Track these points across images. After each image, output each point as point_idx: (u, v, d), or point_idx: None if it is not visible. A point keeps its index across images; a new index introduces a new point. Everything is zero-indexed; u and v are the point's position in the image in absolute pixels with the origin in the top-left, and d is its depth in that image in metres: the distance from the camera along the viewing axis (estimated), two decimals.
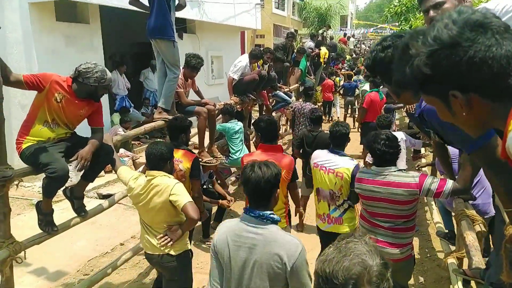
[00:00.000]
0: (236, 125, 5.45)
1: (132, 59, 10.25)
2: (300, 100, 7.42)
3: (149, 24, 4.05)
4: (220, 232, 1.94)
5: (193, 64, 4.53)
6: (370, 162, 4.63)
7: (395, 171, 2.69)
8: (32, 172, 2.87)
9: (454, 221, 3.16)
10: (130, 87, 8.58)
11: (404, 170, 2.95)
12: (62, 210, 3.99)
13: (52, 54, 6.39)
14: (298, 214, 4.01)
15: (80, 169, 2.91)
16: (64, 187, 3.09)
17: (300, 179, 4.12)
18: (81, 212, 3.26)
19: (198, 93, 5.23)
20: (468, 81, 0.80)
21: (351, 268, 0.94)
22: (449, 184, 2.55)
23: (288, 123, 8.53)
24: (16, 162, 3.01)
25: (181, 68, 4.48)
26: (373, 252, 0.98)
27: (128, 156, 6.91)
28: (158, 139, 7.88)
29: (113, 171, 3.27)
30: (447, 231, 3.98)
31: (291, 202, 3.51)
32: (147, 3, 4.12)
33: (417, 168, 4.79)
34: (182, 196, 2.66)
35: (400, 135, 4.80)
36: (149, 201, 2.74)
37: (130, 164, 6.86)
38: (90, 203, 3.77)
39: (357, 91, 11.35)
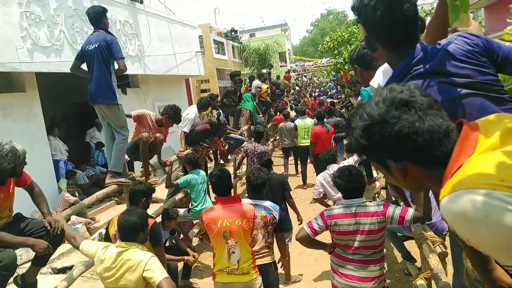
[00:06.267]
0: (198, 175, 5.27)
1: (75, 120, 9.93)
2: (252, 140, 7.49)
3: (90, 90, 3.97)
4: None
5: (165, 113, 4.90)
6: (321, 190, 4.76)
7: (363, 202, 2.77)
8: None
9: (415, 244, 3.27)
10: (68, 149, 8.17)
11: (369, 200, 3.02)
12: None
13: None
14: (282, 265, 3.98)
15: (57, 231, 2.89)
16: (14, 276, 2.85)
17: None
18: None
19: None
20: (398, 151, 0.89)
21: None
22: (410, 212, 2.67)
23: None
24: None
25: (128, 128, 4.38)
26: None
27: (82, 223, 6.53)
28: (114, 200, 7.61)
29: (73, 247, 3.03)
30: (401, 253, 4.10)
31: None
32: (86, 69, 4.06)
33: (374, 196, 4.95)
34: (157, 272, 2.44)
35: (354, 158, 4.95)
36: (119, 278, 2.51)
37: (84, 231, 6.48)
38: (44, 280, 3.45)
39: None
